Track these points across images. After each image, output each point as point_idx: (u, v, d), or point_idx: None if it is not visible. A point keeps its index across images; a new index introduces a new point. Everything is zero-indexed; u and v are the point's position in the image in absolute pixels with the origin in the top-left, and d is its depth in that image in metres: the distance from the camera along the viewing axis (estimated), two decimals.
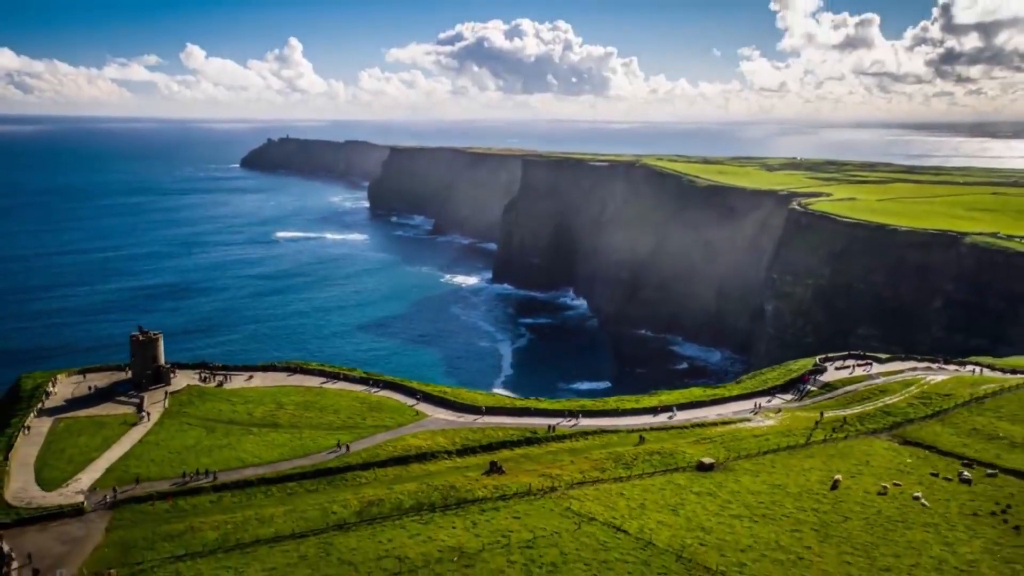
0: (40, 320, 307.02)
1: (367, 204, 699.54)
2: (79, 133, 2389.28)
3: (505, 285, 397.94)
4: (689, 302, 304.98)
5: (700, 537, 63.81)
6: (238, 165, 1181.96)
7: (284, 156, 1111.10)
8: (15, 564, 57.05)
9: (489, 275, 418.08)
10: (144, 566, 57.24)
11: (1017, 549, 62.27)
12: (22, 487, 71.20)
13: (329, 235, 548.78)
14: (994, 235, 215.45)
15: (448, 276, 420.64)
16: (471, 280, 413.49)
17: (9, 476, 72.91)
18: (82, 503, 67.84)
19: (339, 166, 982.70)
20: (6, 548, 58.89)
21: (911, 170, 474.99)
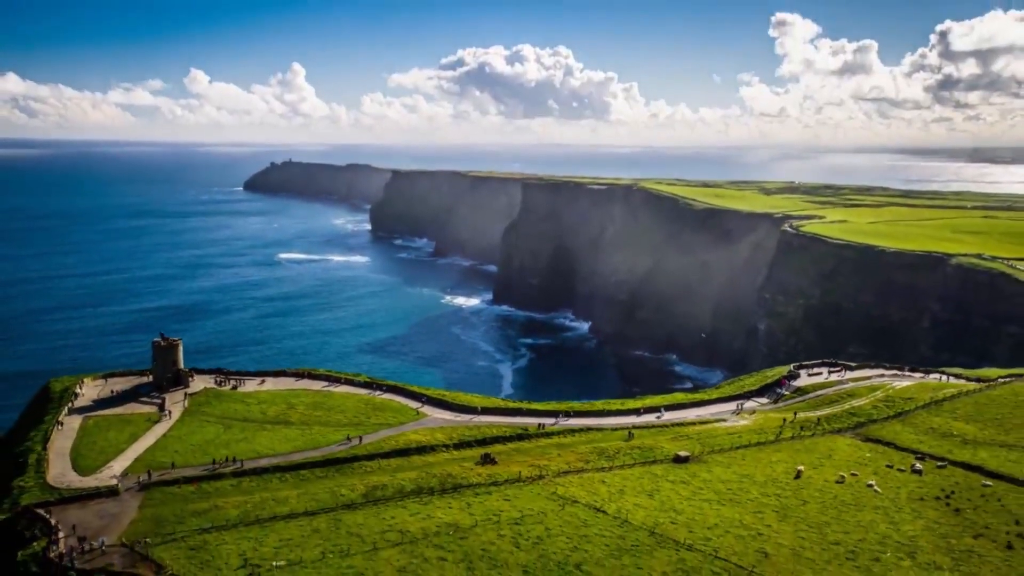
0: (45, 342, 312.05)
1: (369, 227, 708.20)
2: (83, 157, 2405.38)
3: (505, 306, 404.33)
4: (686, 322, 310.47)
5: (672, 517, 71.00)
6: (241, 188, 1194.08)
7: (287, 179, 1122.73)
8: (62, 533, 64.50)
9: (489, 296, 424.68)
10: (175, 536, 64.65)
11: (954, 527, 69.60)
12: (61, 472, 78.96)
13: (332, 257, 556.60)
14: (979, 256, 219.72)
15: (449, 298, 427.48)
16: (472, 301, 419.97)
17: (48, 463, 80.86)
18: (116, 485, 75.32)
19: (341, 189, 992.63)
20: (53, 521, 66.46)
21: (907, 194, 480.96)
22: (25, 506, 69.85)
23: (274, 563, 60.04)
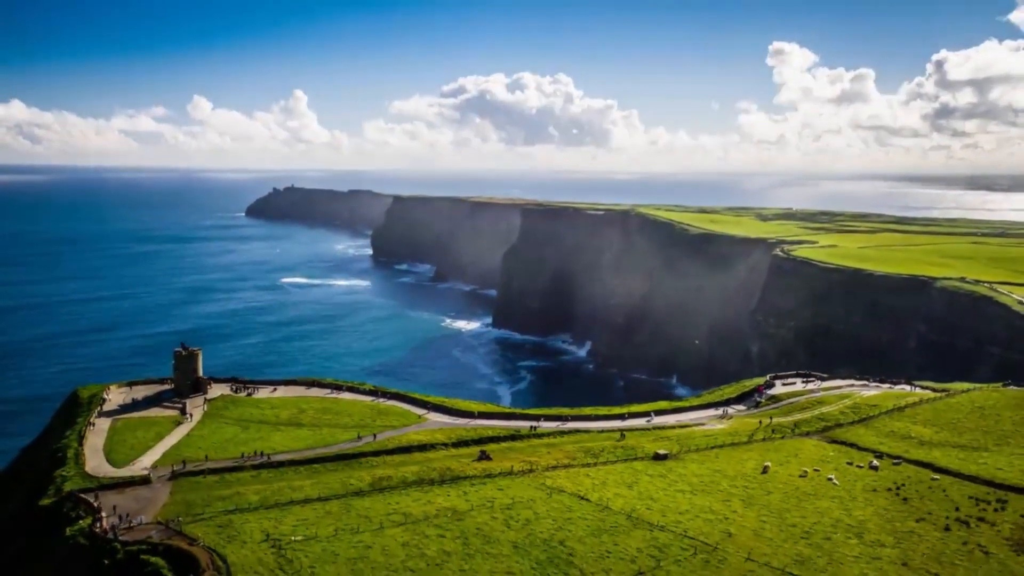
0: (51, 368, 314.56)
1: (370, 252, 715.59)
2: (86, 183, 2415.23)
3: (505, 330, 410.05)
4: (683, 345, 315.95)
5: (648, 504, 79.07)
6: (244, 214, 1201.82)
7: (289, 205, 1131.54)
8: (104, 513, 72.86)
9: (489, 320, 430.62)
10: (204, 516, 72.99)
11: (900, 513, 77.71)
12: (97, 465, 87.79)
13: (334, 282, 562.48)
14: (962, 279, 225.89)
15: (450, 321, 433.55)
16: (472, 325, 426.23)
17: (85, 457, 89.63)
18: (148, 475, 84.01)
19: (343, 215, 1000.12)
20: (96, 503, 74.82)
21: (901, 220, 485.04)
22: (70, 491, 78.47)
23: (292, 538, 68.19)
